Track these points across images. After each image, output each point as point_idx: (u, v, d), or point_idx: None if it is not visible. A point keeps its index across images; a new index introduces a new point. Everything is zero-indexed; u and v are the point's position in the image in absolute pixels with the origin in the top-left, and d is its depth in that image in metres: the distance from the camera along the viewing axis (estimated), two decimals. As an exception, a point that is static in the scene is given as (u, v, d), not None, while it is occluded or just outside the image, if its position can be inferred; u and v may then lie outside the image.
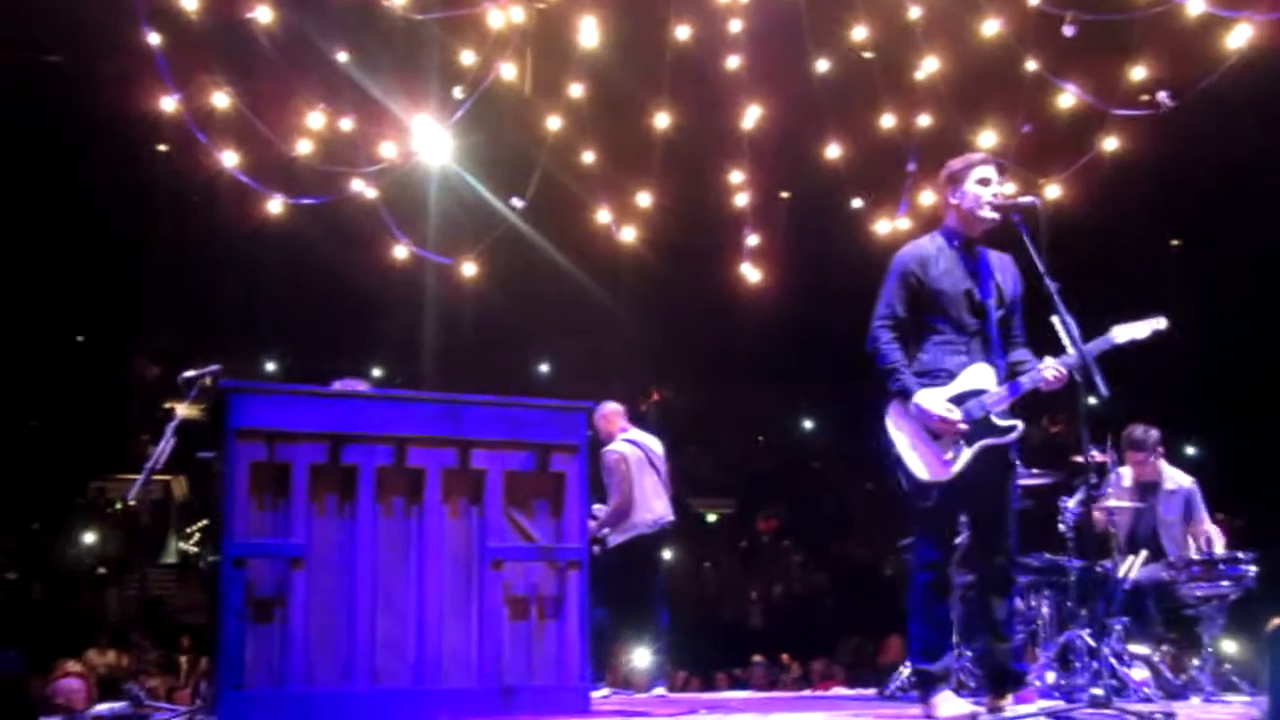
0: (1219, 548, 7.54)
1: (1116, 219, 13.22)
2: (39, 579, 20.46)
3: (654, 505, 8.69)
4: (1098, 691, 5.20)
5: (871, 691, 8.73)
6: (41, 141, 14.28)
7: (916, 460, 5.34)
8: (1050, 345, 5.41)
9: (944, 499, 5.34)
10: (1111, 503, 7.52)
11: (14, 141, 13.84)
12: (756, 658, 18.06)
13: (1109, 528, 7.60)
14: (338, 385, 7.39)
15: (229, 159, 9.03)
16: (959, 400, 5.29)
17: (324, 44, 9.17)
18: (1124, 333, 5.50)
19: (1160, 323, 5.54)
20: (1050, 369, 5.33)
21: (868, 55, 9.83)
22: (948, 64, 9.45)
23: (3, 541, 21.02)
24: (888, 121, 9.95)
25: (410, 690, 5.31)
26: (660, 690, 8.59)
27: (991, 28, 8.99)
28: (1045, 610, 7.58)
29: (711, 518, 26.38)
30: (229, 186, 9.29)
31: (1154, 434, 7.96)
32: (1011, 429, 5.32)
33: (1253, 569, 7.21)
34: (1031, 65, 9.04)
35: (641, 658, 9.44)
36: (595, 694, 7.85)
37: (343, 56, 9.19)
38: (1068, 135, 9.52)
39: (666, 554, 9.43)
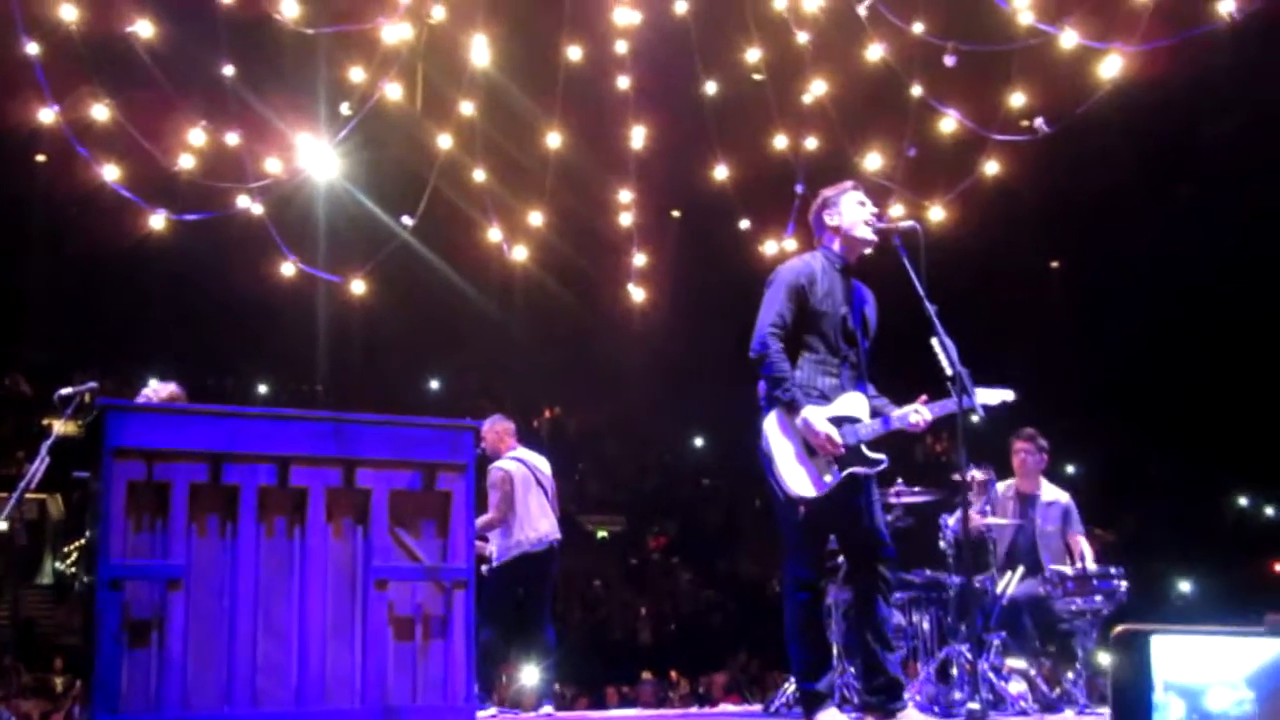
0: (1090, 563, 7.72)
1: (998, 241, 13.53)
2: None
3: (539, 524, 8.68)
4: (974, 706, 5.30)
5: (758, 708, 8.79)
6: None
7: (793, 474, 5.39)
8: (929, 368, 5.51)
9: (811, 517, 5.40)
10: (990, 520, 7.67)
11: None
12: (646, 675, 18.10)
13: (987, 540, 7.74)
14: (148, 389, 7.33)
15: (110, 172, 8.84)
16: (836, 423, 5.37)
17: (209, 58, 9.04)
18: (982, 396, 5.59)
19: (1009, 395, 5.69)
20: (916, 415, 5.44)
21: (758, 77, 9.95)
22: (835, 88, 9.62)
23: None
24: (777, 143, 10.08)
25: (292, 714, 5.22)
26: (548, 709, 8.57)
27: (876, 53, 9.18)
28: (925, 626, 7.70)
29: (601, 534, 26.39)
30: (110, 200, 9.09)
31: (1043, 440, 8.16)
32: (879, 462, 5.42)
33: (1124, 584, 7.39)
34: (916, 90, 9.24)
35: (529, 676, 9.41)
36: (482, 714, 7.83)
37: (229, 71, 9.07)
38: (951, 159, 9.73)
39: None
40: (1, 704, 12.97)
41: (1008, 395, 5.68)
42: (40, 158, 11.02)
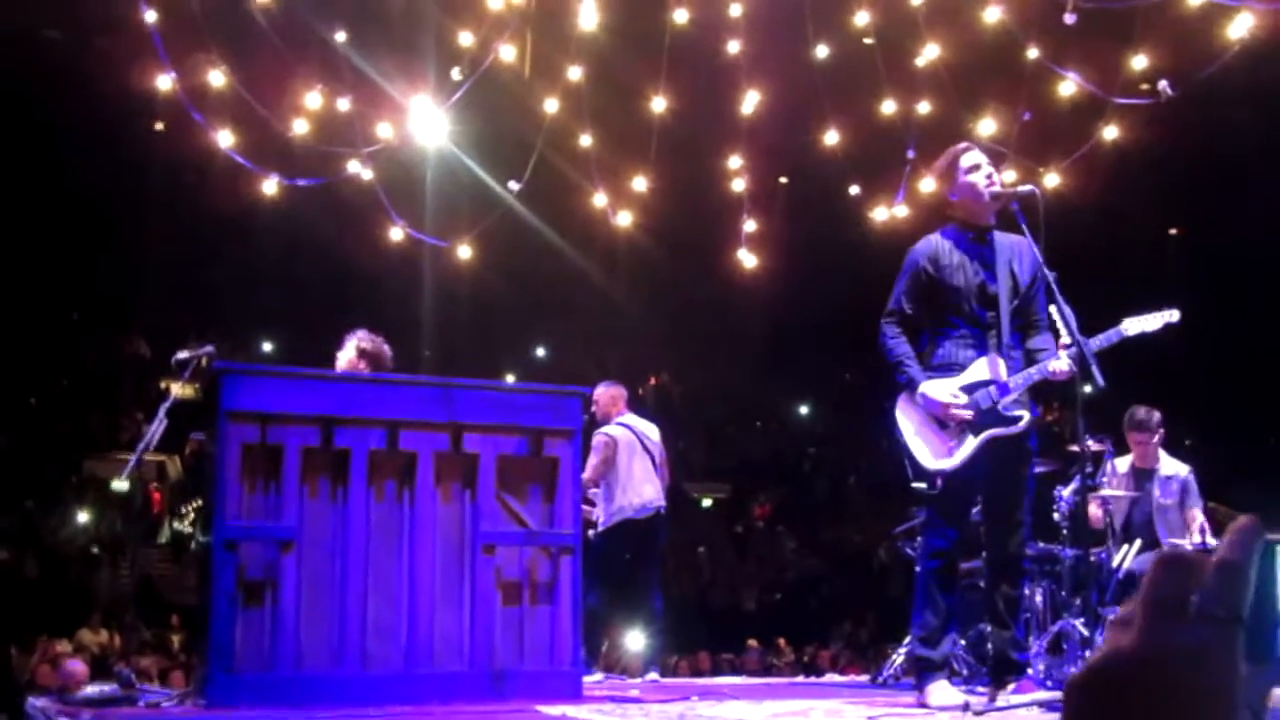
0: (1209, 537, 7.52)
1: (1117, 208, 13.21)
2: (33, 557, 20.45)
3: (643, 490, 8.67)
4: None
5: (864, 678, 8.72)
6: (38, 118, 14.24)
7: (922, 447, 5.37)
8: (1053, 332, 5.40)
9: (951, 487, 5.36)
10: (1106, 492, 7.50)
11: (11, 117, 13.81)
12: (751, 643, 18.10)
13: (1105, 517, 7.58)
14: (353, 339, 7.32)
15: (224, 139, 8.96)
16: (968, 390, 5.30)
17: (321, 24, 9.11)
18: (1135, 325, 5.47)
19: (1173, 315, 5.54)
20: (1055, 364, 5.32)
21: (868, 41, 9.78)
22: (948, 51, 9.41)
23: (-2, 520, 21.03)
24: (888, 108, 9.91)
25: (401, 675, 5.28)
26: (654, 675, 8.58)
27: (993, 15, 8.94)
28: (1039, 599, 7.56)
29: (706, 502, 26.39)
30: (224, 166, 9.23)
31: (1156, 416, 7.97)
32: (1018, 419, 5.31)
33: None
34: (1033, 53, 9.00)
35: (635, 642, 9.43)
36: (588, 679, 7.84)
37: (340, 37, 9.14)
38: (1068, 124, 9.49)
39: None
40: (123, 661, 13.33)
41: (1171, 316, 5.54)
42: (158, 125, 11.21)
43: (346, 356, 7.26)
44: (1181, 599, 2.03)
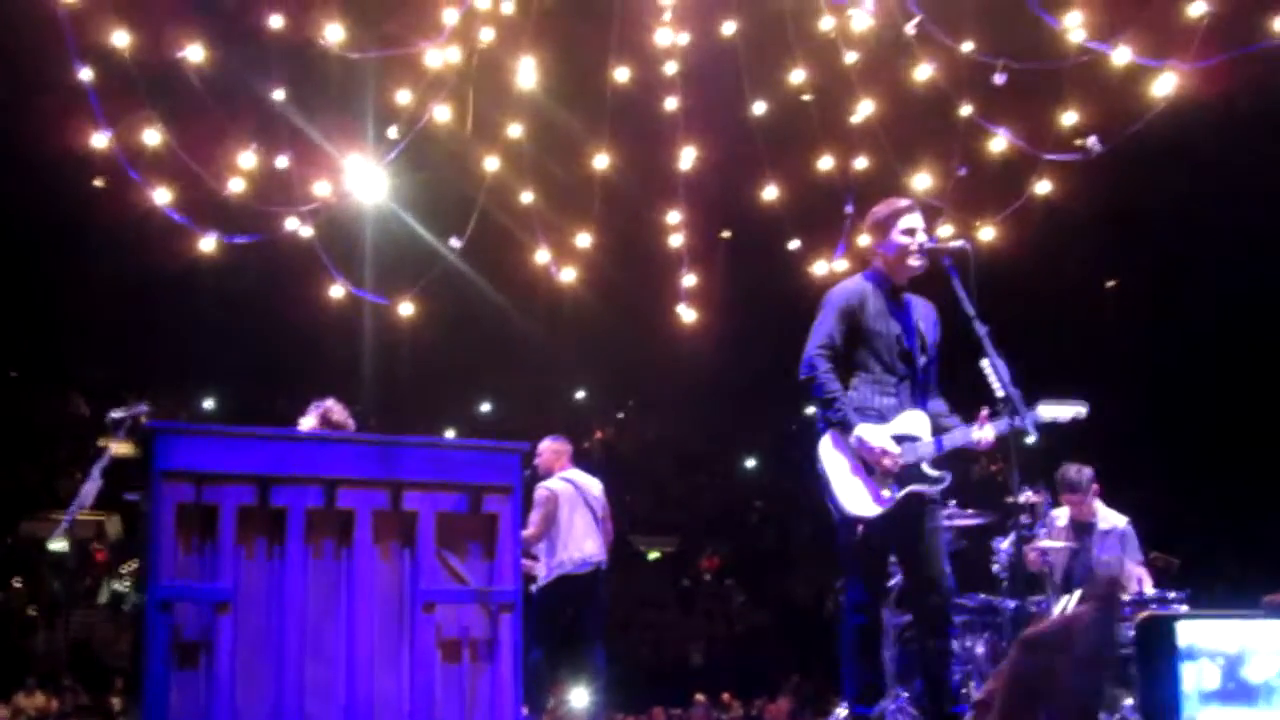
0: (1148, 587, 7.60)
1: (1052, 261, 13.41)
2: (-33, 620, 20.08)
3: (584, 545, 8.67)
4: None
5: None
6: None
7: (849, 493, 5.34)
8: (980, 389, 5.44)
9: (870, 537, 5.35)
10: (1044, 543, 7.57)
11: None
12: (698, 696, 18.04)
13: (1043, 568, 7.64)
14: (316, 406, 7.30)
15: (161, 196, 8.93)
16: (898, 441, 5.32)
17: (258, 82, 9.12)
18: (1049, 411, 5.49)
19: (1081, 410, 5.56)
20: (979, 433, 5.37)
21: (806, 98, 9.92)
22: (883, 108, 9.57)
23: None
24: (825, 164, 10.03)
25: (339, 735, 5.22)
26: (597, 731, 8.55)
27: (925, 73, 9.13)
28: (980, 650, 7.60)
29: (653, 555, 26.34)
30: (162, 224, 9.19)
31: (1087, 473, 8.04)
32: (941, 479, 5.35)
33: (1185, 608, 7.26)
34: (965, 110, 9.17)
35: (579, 698, 9.38)
36: (531, 736, 7.81)
37: (278, 95, 9.15)
38: (1001, 179, 9.66)
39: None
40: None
41: (1080, 410, 5.56)
42: (97, 182, 11.16)
43: (308, 425, 7.24)
44: (1041, 682, 2.05)
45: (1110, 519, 8.10)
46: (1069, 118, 9.05)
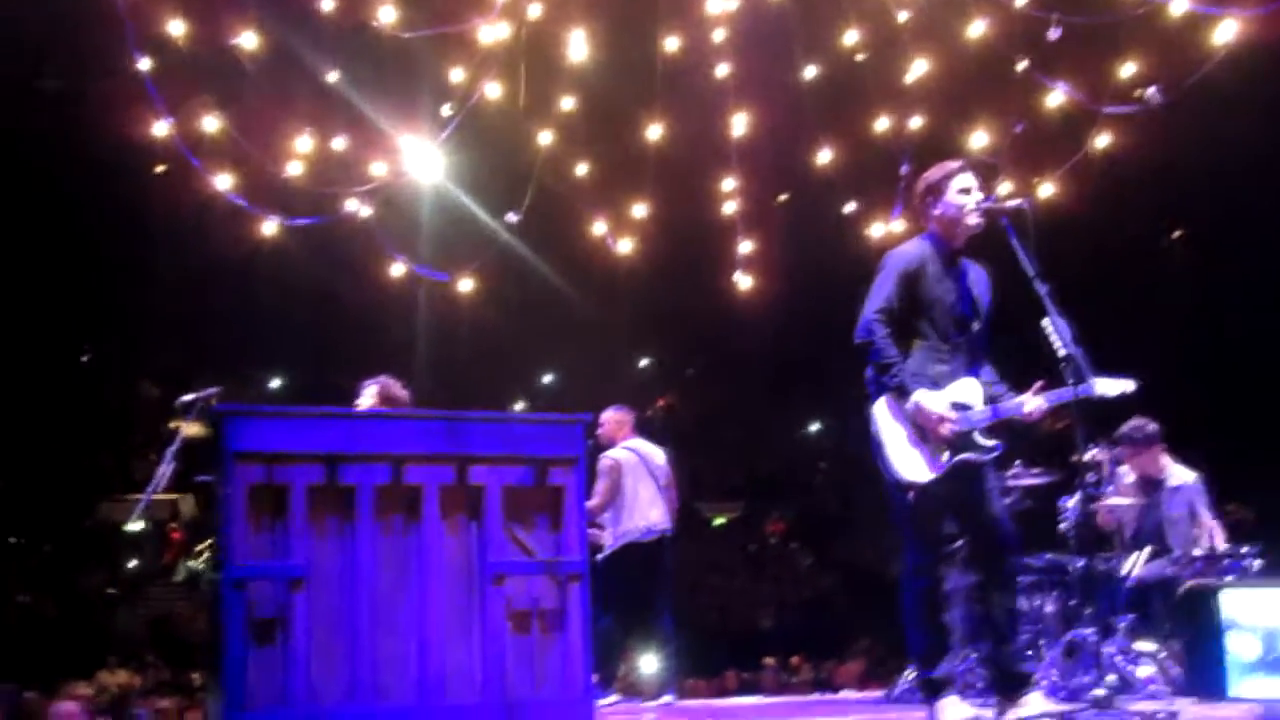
0: (1220, 542, 7.53)
1: (1114, 215, 13.24)
2: (51, 600, 20.52)
3: (649, 513, 8.72)
4: (1100, 692, 5.21)
5: (879, 694, 8.75)
6: (39, 166, 14.35)
7: (902, 458, 5.32)
8: (1040, 348, 5.40)
9: (924, 501, 5.33)
10: (1112, 500, 7.51)
11: (16, 165, 13.93)
12: (768, 660, 18.07)
13: (1112, 525, 7.59)
14: (372, 384, 7.43)
15: (222, 182, 9.06)
16: (955, 408, 5.29)
17: (314, 65, 9.20)
18: (1102, 386, 5.43)
19: (1129, 386, 5.50)
20: (1031, 404, 5.34)
21: (860, 57, 9.85)
22: (937, 66, 9.48)
23: (16, 563, 21.11)
24: (880, 125, 9.97)
25: (414, 707, 5.31)
26: (668, 698, 8.61)
27: (978, 29, 9.03)
28: (1050, 609, 7.57)
29: (719, 521, 26.37)
30: (225, 209, 9.32)
31: (1150, 428, 7.95)
32: (993, 449, 5.33)
33: (1257, 562, 7.19)
34: (1021, 65, 9.07)
35: (649, 665, 9.45)
36: (602, 702, 7.89)
37: (333, 77, 9.22)
38: (1060, 134, 9.55)
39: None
40: (141, 701, 13.37)
41: (1128, 386, 5.50)
42: (160, 168, 11.34)
43: (366, 404, 7.35)
44: None
45: (1179, 474, 8.01)
46: (1128, 69, 8.92)
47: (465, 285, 10.30)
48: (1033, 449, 7.82)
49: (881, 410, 5.38)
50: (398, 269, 10.00)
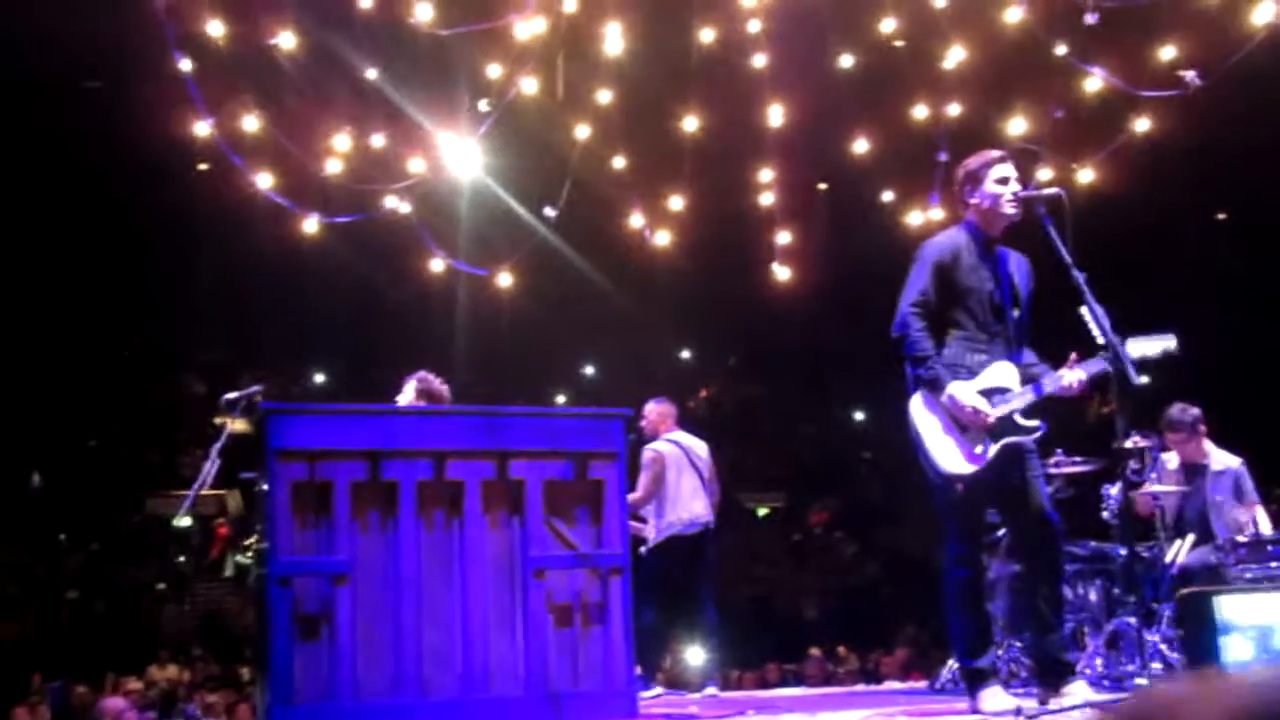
0: (1265, 528, 7.47)
1: (1158, 199, 13.13)
2: (100, 596, 20.78)
3: (692, 505, 8.73)
4: (1143, 680, 5.18)
5: (923, 684, 8.73)
6: (84, 165, 14.52)
7: (944, 451, 5.30)
8: (1078, 336, 5.36)
9: (969, 492, 5.32)
10: (1154, 487, 7.46)
11: (63, 166, 14.12)
12: (813, 651, 18.05)
13: (1154, 512, 7.55)
14: (412, 380, 7.48)
15: (263, 180, 9.14)
16: (984, 396, 5.27)
17: (351, 63, 9.26)
18: (1137, 347, 5.39)
19: (1170, 343, 5.44)
20: (1070, 376, 5.31)
21: (898, 44, 9.81)
22: (975, 53, 9.42)
23: (64, 559, 21.38)
24: (919, 112, 9.92)
25: (458, 701, 5.37)
26: (712, 690, 8.62)
27: (1015, 15, 8.97)
28: (1093, 597, 7.54)
29: (762, 512, 26.35)
30: (266, 207, 9.40)
31: (1192, 412, 7.88)
32: (1035, 429, 5.30)
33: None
34: (1059, 51, 9.00)
35: (693, 657, 9.47)
36: (646, 694, 7.91)
37: (372, 74, 9.28)
38: (1099, 118, 9.47)
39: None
40: (188, 698, 13.51)
41: (1169, 343, 5.45)
42: (202, 166, 11.45)
43: (406, 399, 7.40)
44: None
45: (1222, 459, 7.94)
46: (1167, 52, 8.84)
47: (504, 280, 10.35)
48: (1075, 437, 7.78)
49: (918, 405, 5.37)
50: (437, 264, 10.06)
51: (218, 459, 6.66)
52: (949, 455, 5.29)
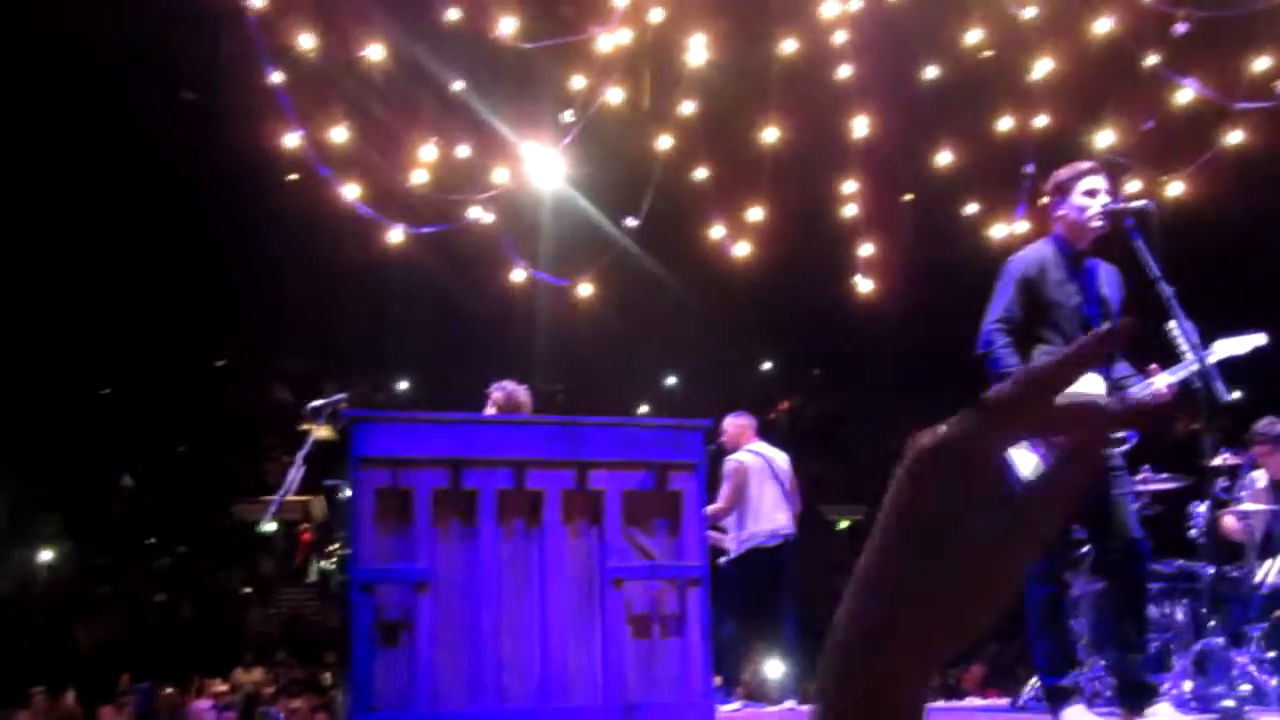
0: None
1: (1245, 213, 12.88)
2: (188, 599, 21.15)
3: (774, 517, 8.71)
4: (1230, 703, 5.09)
5: (1005, 702, 8.62)
6: (184, 175, 14.84)
7: (1027, 464, 5.25)
8: (1164, 350, 5.29)
9: None
10: (1244, 506, 7.31)
11: (158, 175, 14.44)
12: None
13: (1243, 533, 7.40)
14: (498, 391, 7.57)
15: (350, 191, 9.26)
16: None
17: (437, 75, 9.37)
18: (1224, 348, 5.30)
19: (1260, 339, 5.35)
20: (1161, 381, 5.22)
21: (987, 53, 9.72)
22: (1062, 64, 9.30)
23: (153, 563, 21.80)
24: (1004, 124, 9.82)
25: (536, 710, 5.39)
26: (791, 703, 8.59)
27: (1104, 26, 8.85)
28: (1180, 617, 7.40)
29: (844, 524, 26.22)
30: (351, 217, 9.53)
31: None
32: (1122, 440, 5.22)
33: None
34: (1148, 62, 8.87)
35: (773, 669, 9.44)
36: (726, 708, 7.90)
37: (458, 86, 9.38)
38: (1191, 131, 9.31)
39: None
40: (272, 701, 13.71)
41: (1259, 339, 5.35)
42: (292, 176, 11.66)
43: (492, 408, 7.49)
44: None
45: (1314, 476, 7.77)
46: (1261, 63, 8.67)
47: (584, 290, 10.40)
48: (1163, 453, 7.65)
49: None
50: (519, 274, 10.13)
51: (303, 465, 6.76)
52: (1031, 467, 5.23)
